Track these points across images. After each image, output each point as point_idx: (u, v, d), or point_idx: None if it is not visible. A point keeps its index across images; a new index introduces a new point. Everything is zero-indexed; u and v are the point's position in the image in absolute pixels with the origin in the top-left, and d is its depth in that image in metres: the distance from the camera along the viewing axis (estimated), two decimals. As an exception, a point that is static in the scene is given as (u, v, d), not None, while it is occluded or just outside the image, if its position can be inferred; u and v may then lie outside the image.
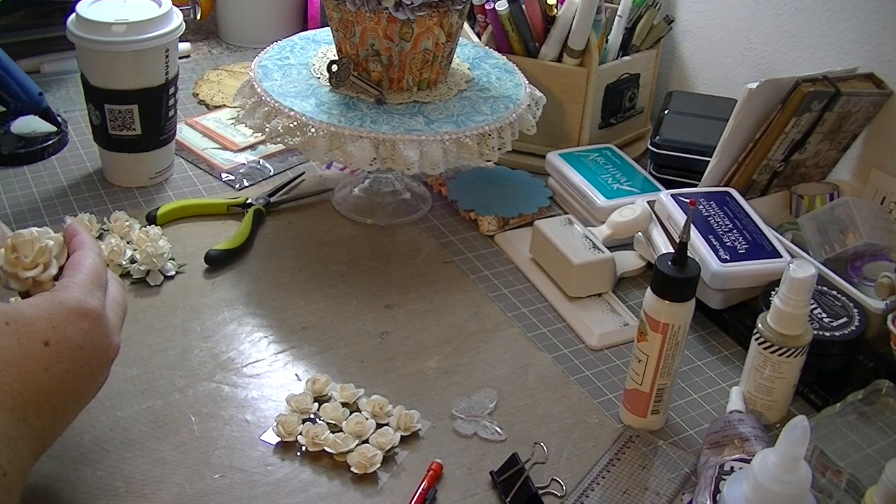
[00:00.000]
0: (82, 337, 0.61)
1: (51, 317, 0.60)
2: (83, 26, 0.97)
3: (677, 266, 0.72)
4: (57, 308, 0.61)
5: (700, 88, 1.24)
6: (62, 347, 0.60)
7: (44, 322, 0.60)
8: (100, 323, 0.63)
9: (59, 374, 0.60)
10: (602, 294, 0.94)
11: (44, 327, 0.60)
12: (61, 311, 0.61)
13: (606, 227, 0.97)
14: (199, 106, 1.24)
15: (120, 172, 1.05)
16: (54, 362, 0.60)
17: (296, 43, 1.07)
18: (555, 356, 0.86)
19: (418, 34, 0.94)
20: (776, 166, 1.00)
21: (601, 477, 0.74)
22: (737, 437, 0.71)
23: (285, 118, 0.93)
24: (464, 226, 1.04)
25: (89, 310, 0.62)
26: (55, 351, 0.60)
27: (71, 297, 0.62)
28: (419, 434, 0.76)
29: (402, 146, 0.90)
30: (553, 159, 1.07)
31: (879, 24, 1.00)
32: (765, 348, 0.76)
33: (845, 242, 0.92)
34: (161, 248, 0.91)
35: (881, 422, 0.77)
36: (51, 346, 0.60)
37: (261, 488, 0.71)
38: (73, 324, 0.61)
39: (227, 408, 0.78)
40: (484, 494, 0.72)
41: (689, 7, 1.23)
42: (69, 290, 0.62)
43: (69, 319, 0.61)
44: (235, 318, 0.87)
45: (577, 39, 1.08)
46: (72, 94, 1.23)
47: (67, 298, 0.61)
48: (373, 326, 0.88)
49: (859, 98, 0.97)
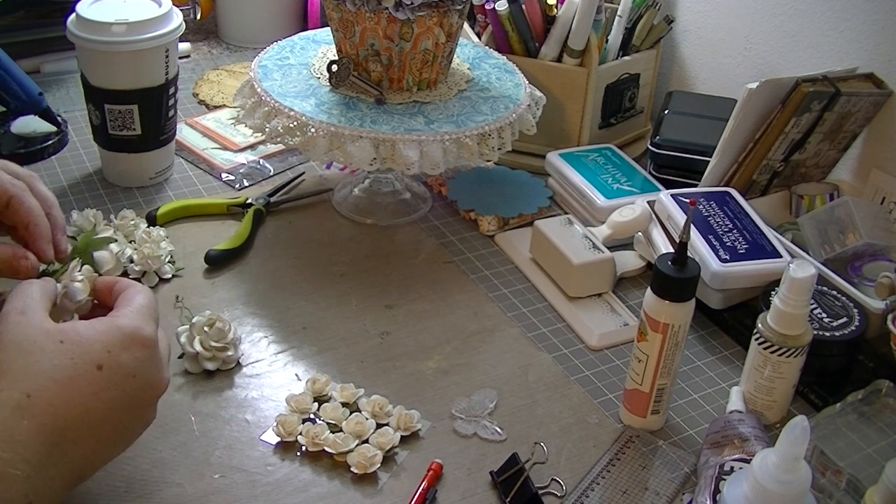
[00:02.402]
0: (136, 365, 0.60)
1: (108, 340, 0.59)
2: (83, 26, 0.97)
3: (677, 266, 0.72)
4: (115, 332, 0.60)
5: (700, 88, 1.24)
6: (115, 373, 0.59)
7: (100, 345, 0.59)
8: (154, 353, 0.62)
9: (106, 401, 0.58)
10: (602, 294, 0.94)
11: (99, 350, 0.58)
12: (119, 336, 0.60)
13: (606, 227, 0.97)
14: (199, 106, 1.24)
15: (120, 172, 1.05)
16: (104, 388, 0.58)
17: (296, 43, 1.07)
18: (555, 356, 0.86)
19: (418, 34, 0.94)
20: (776, 166, 1.01)
21: (601, 477, 0.74)
22: (737, 437, 0.71)
23: (285, 118, 0.93)
24: (464, 226, 1.04)
25: (146, 338, 0.61)
26: (107, 376, 0.58)
27: (129, 323, 0.61)
28: (419, 434, 0.76)
29: (402, 146, 0.90)
30: (553, 159, 1.07)
31: (879, 24, 1.00)
32: (765, 348, 0.76)
33: (845, 242, 0.92)
34: (160, 251, 0.91)
35: (881, 422, 0.77)
36: (104, 370, 0.58)
37: (261, 488, 0.71)
38: (128, 350, 0.60)
39: (227, 408, 0.78)
40: (484, 494, 0.72)
41: (689, 7, 1.23)
42: (126, 317, 0.61)
43: (125, 345, 0.60)
44: (235, 318, 0.87)
45: (577, 39, 1.08)
46: (72, 94, 1.23)
47: (126, 324, 0.60)
48: (373, 326, 0.88)
49: (859, 98, 0.97)
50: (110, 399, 0.59)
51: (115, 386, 0.59)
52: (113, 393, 0.59)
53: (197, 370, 0.80)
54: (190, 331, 0.81)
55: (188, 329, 0.81)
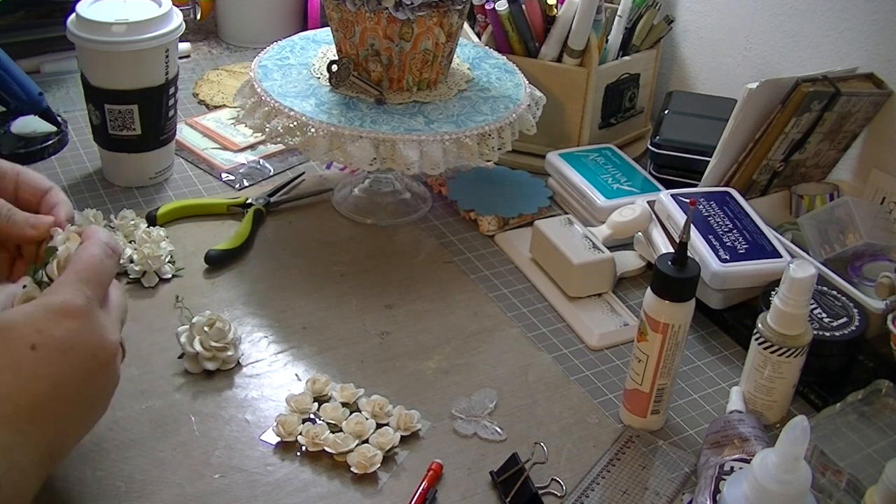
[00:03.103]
0: (70, 337, 0.59)
1: (35, 320, 0.58)
2: (83, 26, 0.97)
3: (677, 266, 0.72)
4: (41, 310, 0.59)
5: (700, 88, 1.24)
6: (50, 350, 0.58)
7: (29, 326, 0.58)
8: (88, 321, 0.60)
9: (49, 378, 0.58)
10: (602, 294, 0.94)
11: (29, 331, 0.58)
12: (46, 313, 0.59)
13: (606, 227, 0.97)
14: (199, 106, 1.24)
15: (120, 172, 1.05)
16: (42, 365, 0.58)
17: (296, 43, 1.07)
18: (555, 356, 0.86)
19: (418, 34, 0.94)
20: (776, 166, 1.01)
21: (601, 477, 0.74)
22: (737, 437, 0.71)
23: (285, 118, 0.93)
24: (464, 226, 1.04)
25: (76, 308, 0.60)
26: (43, 354, 0.58)
27: (55, 298, 0.60)
28: (419, 434, 0.76)
29: (402, 146, 0.90)
30: (553, 159, 1.07)
31: (879, 24, 1.00)
32: (765, 348, 0.76)
33: (845, 242, 0.92)
34: (160, 251, 0.91)
35: (881, 422, 0.77)
36: (38, 349, 0.58)
37: (261, 488, 0.71)
38: (59, 324, 0.59)
39: (227, 408, 0.78)
40: (484, 494, 0.72)
41: (689, 7, 1.23)
42: (55, 291, 0.60)
43: (55, 320, 0.59)
44: (235, 318, 0.87)
45: (577, 39, 1.08)
46: (72, 94, 1.23)
47: (52, 300, 0.60)
48: (373, 326, 0.88)
49: (859, 98, 0.97)
50: (52, 375, 0.58)
51: (54, 362, 0.58)
52: (53, 368, 0.58)
53: (197, 370, 0.80)
54: (190, 331, 0.81)
55: (188, 329, 0.81)
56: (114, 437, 0.73)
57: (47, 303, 0.60)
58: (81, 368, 0.60)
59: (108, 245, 0.65)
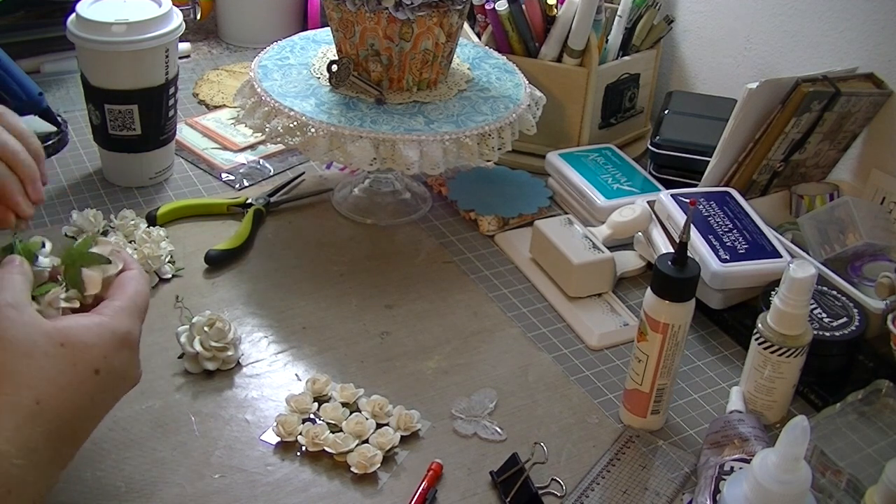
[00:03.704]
0: (125, 367, 0.61)
1: (104, 345, 0.60)
2: (83, 26, 0.97)
3: (677, 266, 0.72)
4: (109, 336, 0.60)
5: (700, 88, 1.24)
6: (109, 377, 0.60)
7: (97, 350, 0.59)
8: (136, 353, 0.63)
9: (100, 403, 0.60)
10: (602, 294, 0.94)
11: (97, 355, 0.59)
12: (113, 341, 0.60)
13: (606, 227, 0.97)
14: (199, 106, 1.24)
15: (120, 172, 1.05)
16: (99, 391, 0.59)
17: (296, 43, 1.07)
18: (555, 356, 0.86)
19: (418, 34, 0.94)
20: (776, 166, 1.01)
21: (601, 477, 0.74)
22: (737, 437, 0.71)
23: (285, 118, 0.93)
24: (464, 226, 1.04)
25: (133, 341, 0.62)
26: (103, 380, 0.59)
27: (122, 327, 0.61)
28: (419, 434, 0.76)
29: (402, 146, 0.90)
30: (553, 159, 1.07)
31: (879, 24, 1.00)
32: (765, 348, 0.76)
33: (845, 242, 0.92)
34: (160, 251, 0.91)
35: (881, 422, 0.77)
36: (100, 374, 0.59)
37: (261, 488, 0.71)
38: (119, 353, 0.60)
39: (227, 408, 0.78)
40: (484, 494, 0.72)
41: (689, 7, 1.23)
42: (119, 318, 0.61)
43: (118, 348, 0.60)
44: (235, 318, 0.87)
45: (577, 39, 1.08)
46: (72, 94, 1.23)
47: (119, 328, 0.61)
48: (373, 326, 0.88)
49: (859, 98, 0.97)
50: (103, 401, 0.61)
51: (109, 388, 0.61)
52: (106, 395, 0.61)
53: (197, 370, 0.80)
54: (190, 331, 0.81)
55: (188, 329, 0.81)
56: (114, 437, 0.73)
57: (116, 330, 0.61)
58: (118, 396, 0.62)
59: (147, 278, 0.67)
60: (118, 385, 0.62)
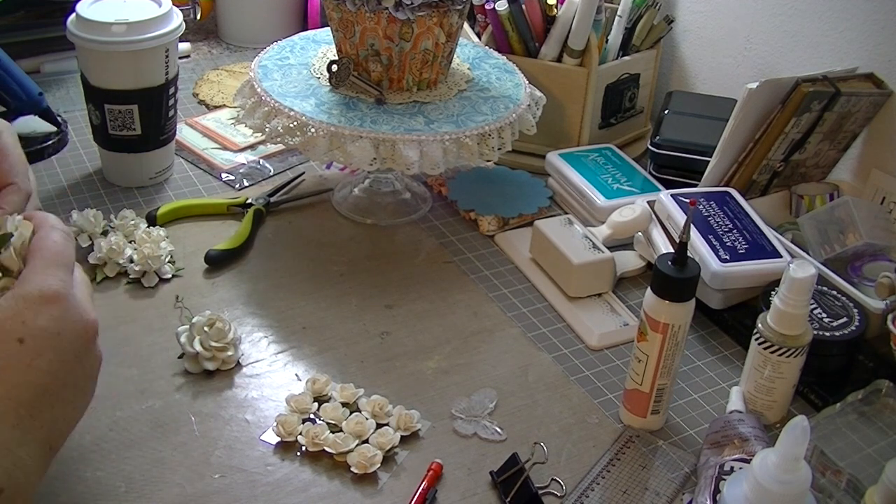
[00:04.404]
0: (56, 323, 0.59)
1: (17, 312, 0.58)
2: (83, 26, 0.97)
3: (677, 266, 0.72)
4: (21, 302, 0.58)
5: (700, 88, 1.24)
6: (38, 340, 0.58)
7: (12, 319, 0.57)
8: (69, 304, 0.60)
9: (43, 368, 0.58)
10: (602, 294, 0.94)
11: (14, 325, 0.57)
12: (26, 304, 0.58)
13: (606, 227, 0.97)
14: (199, 106, 1.24)
15: (120, 172, 1.05)
16: (34, 356, 0.57)
17: (296, 43, 1.07)
18: (555, 356, 0.86)
19: (418, 34, 0.94)
20: (776, 166, 1.01)
21: (601, 477, 0.74)
22: (737, 437, 0.71)
23: (285, 118, 0.93)
24: (464, 226, 1.04)
25: (54, 294, 0.59)
26: (32, 345, 0.57)
27: (31, 287, 0.59)
28: (419, 434, 0.76)
29: (402, 146, 0.90)
30: (553, 159, 1.07)
31: (879, 24, 1.00)
32: (765, 348, 0.76)
33: (845, 242, 0.92)
34: (160, 251, 0.91)
35: (881, 422, 0.77)
36: (26, 341, 0.57)
37: (261, 488, 0.71)
38: (42, 313, 0.58)
39: (227, 408, 0.78)
40: (484, 494, 0.72)
41: (689, 7, 1.23)
42: (28, 282, 0.60)
43: (37, 309, 0.58)
44: (235, 318, 0.87)
45: (577, 39, 1.08)
46: (72, 94, 1.23)
47: (28, 289, 0.59)
48: (373, 326, 0.88)
49: (859, 98, 0.97)
50: (46, 364, 0.58)
51: (45, 350, 0.58)
52: (46, 357, 0.58)
53: (197, 370, 0.80)
54: (190, 331, 0.81)
55: (188, 329, 0.81)
56: (114, 437, 0.73)
57: (24, 293, 0.59)
58: (71, 352, 0.60)
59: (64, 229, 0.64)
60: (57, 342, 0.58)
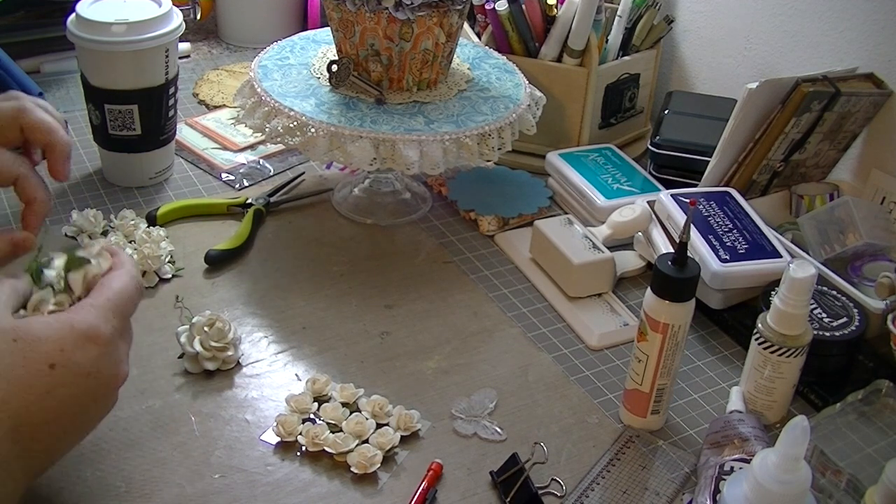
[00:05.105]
0: (90, 363, 0.59)
1: (60, 339, 0.58)
2: (83, 26, 0.97)
3: (677, 266, 0.72)
4: (68, 330, 0.59)
5: (700, 88, 1.24)
6: (68, 372, 0.58)
7: (52, 343, 0.58)
8: (111, 350, 0.61)
9: (61, 399, 0.58)
10: (602, 294, 0.94)
11: (52, 349, 0.58)
12: (72, 335, 0.59)
13: (606, 227, 0.97)
14: (199, 106, 1.24)
15: (120, 172, 1.05)
16: (57, 386, 0.58)
17: (296, 43, 1.07)
18: (555, 356, 0.86)
19: (418, 34, 0.94)
20: (776, 166, 1.01)
21: (601, 477, 0.74)
22: (737, 437, 0.71)
23: (285, 118, 0.93)
24: (464, 226, 1.04)
25: (101, 336, 0.60)
26: (60, 375, 0.58)
27: (83, 321, 0.60)
28: (419, 434, 0.76)
29: (402, 146, 0.90)
30: (553, 159, 1.07)
31: (879, 24, 1.00)
32: (765, 348, 0.76)
33: (845, 242, 0.92)
34: (160, 251, 0.91)
35: (881, 422, 0.77)
36: (56, 369, 0.58)
37: (261, 488, 0.71)
38: (82, 349, 0.59)
39: (227, 408, 0.78)
40: (484, 494, 0.72)
41: (689, 7, 1.23)
42: (83, 312, 0.60)
43: (79, 344, 0.59)
44: (235, 318, 0.87)
45: (577, 39, 1.08)
46: (72, 94, 1.23)
47: (80, 321, 0.59)
48: (373, 326, 0.88)
49: (859, 98, 0.97)
50: (65, 396, 0.58)
51: (69, 384, 0.58)
52: (67, 391, 0.58)
53: (197, 370, 0.80)
54: (190, 331, 0.81)
55: (188, 329, 0.81)
56: (114, 437, 0.73)
57: (74, 323, 0.59)
58: (92, 394, 0.61)
59: (139, 280, 0.66)
60: (84, 381, 0.59)
